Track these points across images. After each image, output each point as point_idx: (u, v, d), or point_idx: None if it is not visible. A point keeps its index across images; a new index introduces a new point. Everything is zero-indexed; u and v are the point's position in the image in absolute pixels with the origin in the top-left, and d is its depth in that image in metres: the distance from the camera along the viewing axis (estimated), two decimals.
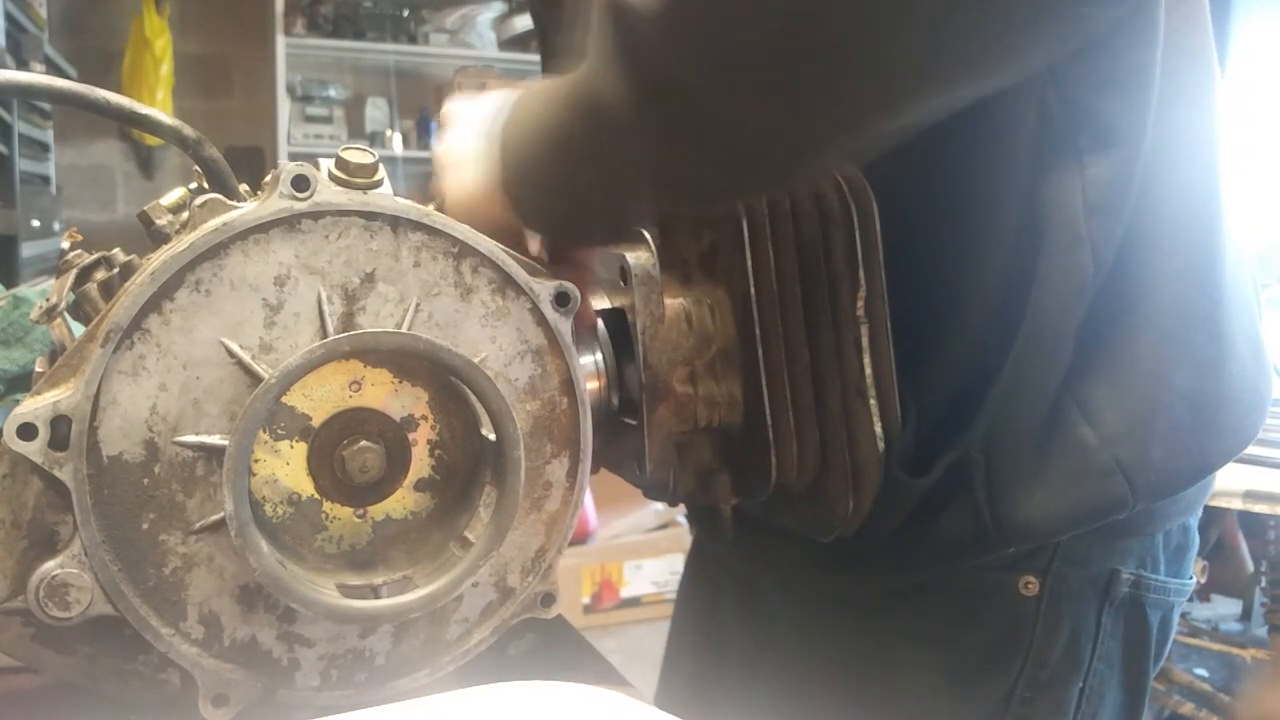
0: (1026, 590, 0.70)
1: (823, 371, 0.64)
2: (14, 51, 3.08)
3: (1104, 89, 0.64)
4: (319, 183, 0.49)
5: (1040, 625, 0.70)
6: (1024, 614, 0.70)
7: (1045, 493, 0.66)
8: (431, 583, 0.51)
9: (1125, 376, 0.67)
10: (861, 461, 0.64)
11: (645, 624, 3.20)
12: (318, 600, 0.49)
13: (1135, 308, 0.67)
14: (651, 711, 0.47)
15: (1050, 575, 0.70)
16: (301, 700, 0.52)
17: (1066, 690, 0.72)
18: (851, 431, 0.64)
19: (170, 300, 0.47)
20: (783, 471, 0.65)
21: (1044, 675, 0.71)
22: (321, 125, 4.45)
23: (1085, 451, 0.66)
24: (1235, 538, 2.52)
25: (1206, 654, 2.59)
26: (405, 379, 0.52)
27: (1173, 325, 0.67)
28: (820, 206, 0.64)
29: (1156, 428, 0.66)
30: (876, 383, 0.64)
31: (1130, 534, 0.72)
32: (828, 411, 0.65)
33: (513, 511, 0.52)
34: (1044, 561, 0.70)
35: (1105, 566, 0.72)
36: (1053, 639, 0.71)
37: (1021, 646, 0.71)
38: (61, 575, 0.46)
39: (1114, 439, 0.66)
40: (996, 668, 0.71)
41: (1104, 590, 0.72)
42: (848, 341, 0.63)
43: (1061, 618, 0.71)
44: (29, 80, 0.54)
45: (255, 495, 0.50)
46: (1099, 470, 0.66)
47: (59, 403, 0.45)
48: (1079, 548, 0.70)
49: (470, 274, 0.52)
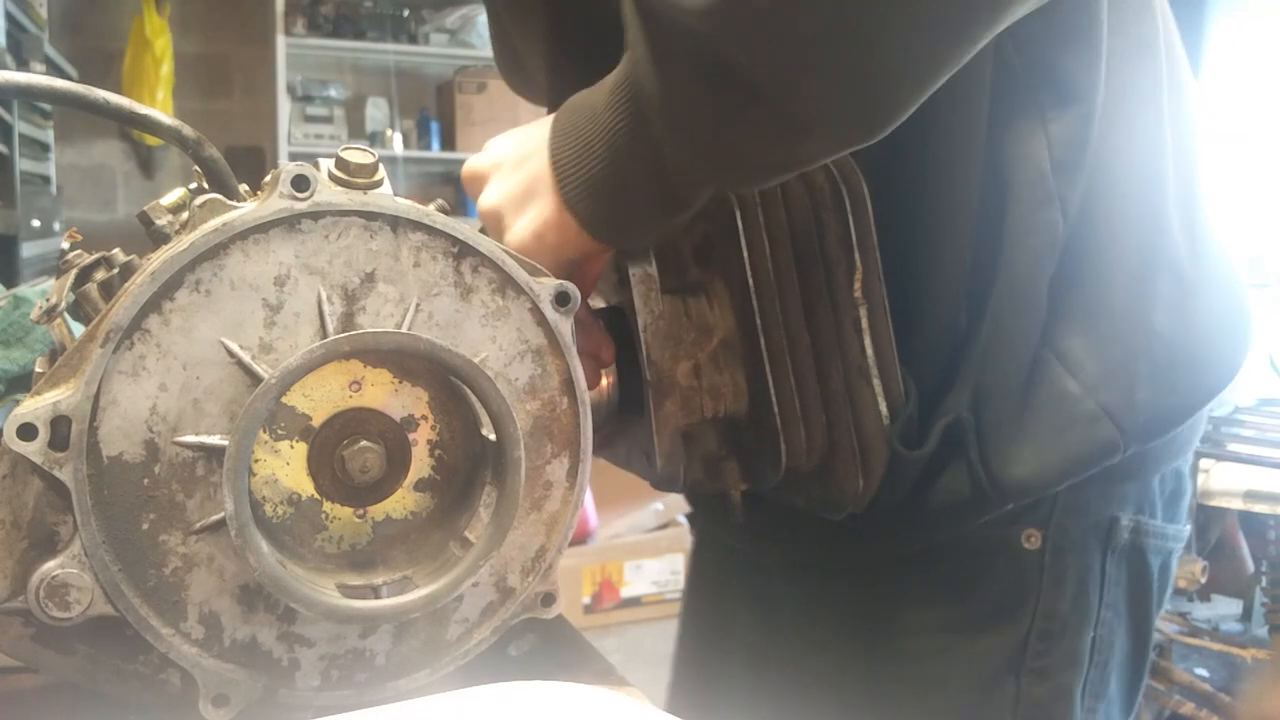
0: (1029, 544, 0.71)
1: (824, 354, 0.65)
2: (14, 51, 3.08)
3: (1060, 44, 0.65)
4: (319, 183, 0.49)
5: (1046, 577, 0.72)
6: (1029, 567, 0.72)
7: (1036, 446, 0.67)
8: (432, 583, 0.51)
9: (1100, 323, 0.68)
10: (868, 440, 0.65)
11: (645, 624, 3.21)
12: (318, 600, 0.49)
13: (1102, 256, 0.68)
14: (652, 711, 0.47)
15: (1052, 527, 0.71)
16: (302, 700, 0.52)
17: (1079, 640, 0.73)
18: (856, 411, 0.65)
19: (170, 300, 0.47)
20: (792, 455, 0.65)
21: (1055, 626, 0.72)
22: (321, 125, 4.46)
23: (1070, 401, 0.67)
24: (1235, 538, 2.53)
25: (1206, 654, 2.58)
26: (405, 379, 0.52)
27: (1140, 268, 0.68)
28: (811, 191, 0.64)
29: (1138, 370, 0.68)
30: (878, 362, 0.64)
31: (1126, 479, 0.73)
32: (832, 393, 0.65)
33: (513, 511, 0.52)
34: (1045, 514, 0.71)
35: (1104, 514, 0.73)
36: (1059, 590, 0.72)
37: (1029, 600, 0.72)
38: (62, 575, 0.46)
39: (1097, 385, 0.67)
40: (1006, 623, 0.72)
41: (1105, 538, 0.73)
42: (847, 323, 0.64)
43: (1066, 568, 0.72)
44: (29, 80, 0.54)
45: (255, 495, 0.50)
46: (1085, 417, 0.67)
47: (59, 403, 0.45)
48: (1077, 498, 0.71)
49: (470, 274, 0.52)
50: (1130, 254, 0.68)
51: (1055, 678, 0.72)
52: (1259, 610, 2.64)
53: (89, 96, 0.53)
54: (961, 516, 0.70)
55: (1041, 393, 0.67)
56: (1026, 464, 0.67)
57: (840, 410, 0.65)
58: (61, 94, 0.54)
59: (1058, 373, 0.67)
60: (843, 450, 0.66)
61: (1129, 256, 0.68)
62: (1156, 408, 0.68)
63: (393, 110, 4.66)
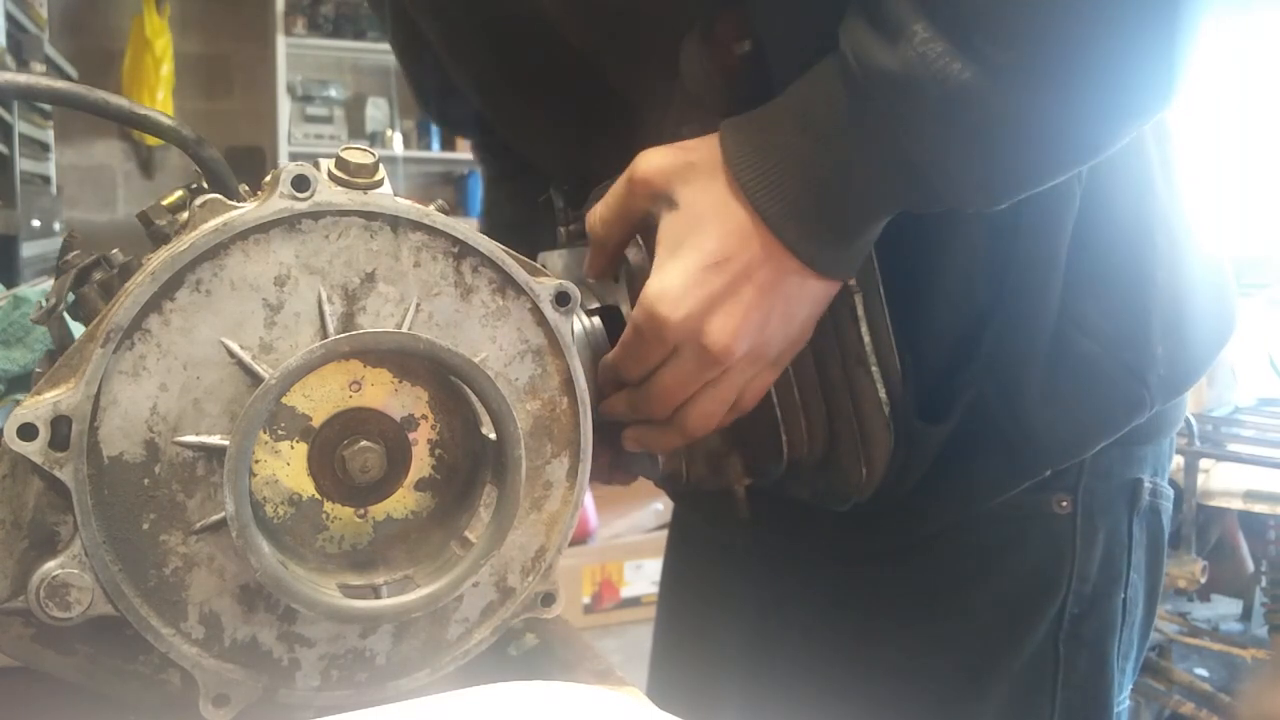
0: (1061, 509, 0.73)
1: (821, 344, 0.64)
2: (14, 51, 3.09)
3: None
4: (319, 183, 0.49)
5: (1079, 542, 0.73)
6: (1063, 533, 0.73)
7: (1066, 408, 0.68)
8: (433, 582, 0.51)
9: (1109, 286, 0.70)
10: (869, 429, 0.65)
11: (645, 624, 3.19)
12: (320, 601, 0.49)
13: (1104, 217, 0.69)
14: (652, 711, 0.47)
15: (1081, 491, 0.73)
16: (302, 700, 0.52)
17: (1111, 602, 0.75)
18: (856, 400, 0.65)
19: (171, 300, 0.47)
20: (794, 447, 0.65)
21: (1088, 590, 0.74)
22: (322, 125, 4.46)
23: (1092, 362, 0.69)
24: (1235, 538, 2.53)
25: (1206, 654, 2.59)
26: (405, 378, 0.52)
27: (1137, 227, 0.71)
28: None
29: (1151, 326, 0.70)
30: (876, 349, 0.64)
31: (1145, 441, 0.76)
32: (830, 383, 0.65)
33: (514, 510, 0.52)
34: (1073, 480, 0.73)
35: (1128, 477, 0.75)
36: (1091, 554, 0.74)
37: (1065, 565, 0.73)
38: (62, 575, 0.46)
39: (1116, 345, 0.69)
40: (1045, 591, 0.73)
41: (1130, 501, 0.75)
42: (843, 311, 0.64)
43: (1097, 532, 0.74)
44: (29, 81, 0.54)
45: (256, 496, 0.50)
46: (1109, 377, 0.69)
47: (59, 403, 0.45)
48: (1103, 461, 0.73)
49: (470, 274, 0.52)
50: (1127, 213, 0.70)
51: (1093, 644, 0.74)
52: (1259, 610, 2.64)
53: (88, 97, 0.53)
54: (997, 486, 0.71)
55: (1065, 358, 0.68)
56: (1061, 428, 0.68)
57: (840, 399, 0.65)
58: (61, 94, 0.54)
59: (1075, 338, 0.69)
60: (845, 439, 0.65)
61: (1126, 216, 0.70)
62: (1173, 361, 0.70)
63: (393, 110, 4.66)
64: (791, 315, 0.60)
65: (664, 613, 0.99)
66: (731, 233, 0.58)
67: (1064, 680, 0.73)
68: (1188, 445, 2.22)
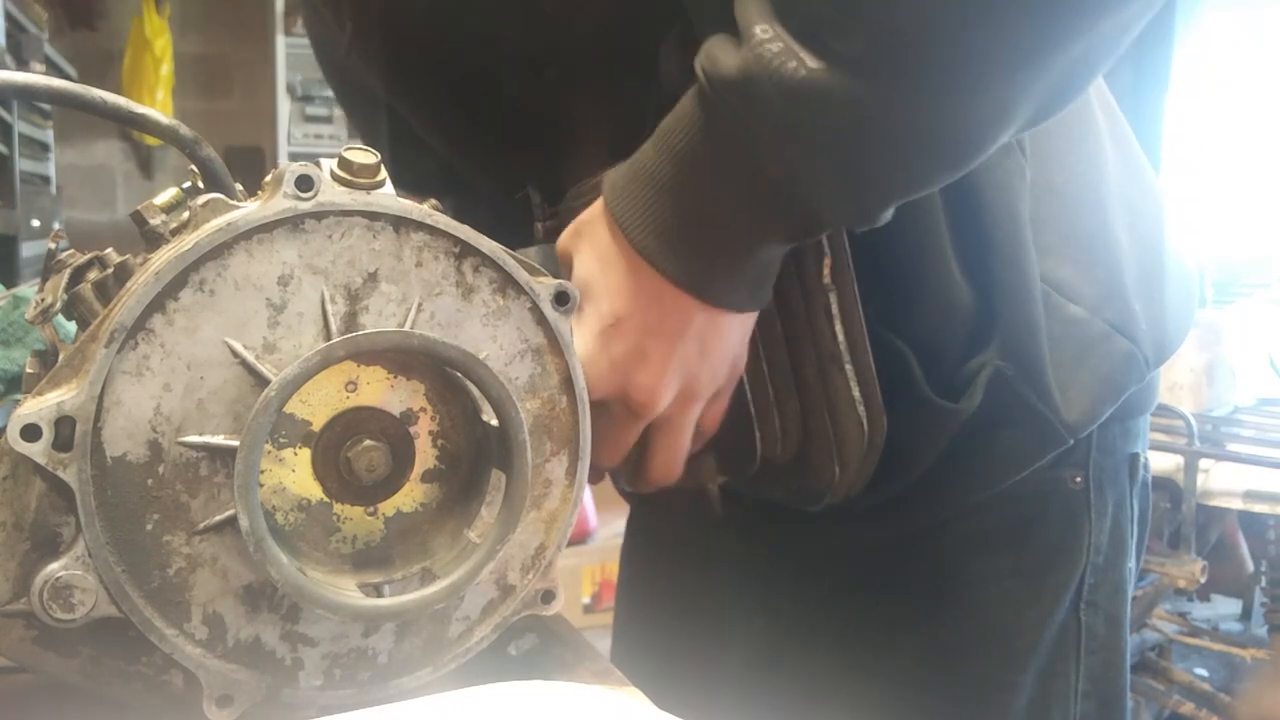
0: (1076, 485, 0.76)
1: (796, 342, 0.64)
2: (14, 51, 3.08)
3: None
4: (322, 183, 0.49)
5: (1093, 515, 0.76)
6: (1078, 505, 0.76)
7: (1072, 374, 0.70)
8: (451, 572, 0.51)
9: (1081, 251, 0.71)
10: (843, 428, 0.65)
11: None
12: (344, 604, 0.49)
13: (1060, 188, 0.71)
14: (651, 711, 0.47)
15: (1091, 465, 0.76)
16: (305, 700, 0.52)
17: (1120, 571, 0.78)
18: (830, 399, 0.65)
19: (174, 300, 0.47)
20: (767, 445, 0.65)
21: (1100, 560, 0.77)
22: (321, 125, 4.46)
23: (1080, 325, 0.70)
24: (1235, 538, 2.53)
25: (1206, 654, 2.59)
26: (400, 374, 0.53)
27: (1092, 194, 0.73)
28: None
29: (1126, 284, 0.72)
30: (850, 348, 0.64)
31: (1138, 413, 0.79)
32: (805, 381, 0.65)
33: (524, 493, 0.52)
34: (1083, 455, 0.75)
35: (1126, 451, 0.78)
36: (1102, 525, 0.77)
37: (1082, 537, 0.76)
38: (65, 577, 0.46)
39: (1099, 306, 0.70)
40: (1066, 561, 0.76)
41: (1130, 473, 0.79)
42: (818, 310, 0.64)
43: (1106, 503, 0.77)
44: (29, 80, 0.54)
45: (265, 505, 0.50)
46: (1103, 336, 0.70)
47: (63, 403, 0.45)
48: (1106, 437, 0.76)
49: (472, 274, 0.52)
50: (1081, 181, 0.72)
51: (1107, 610, 0.77)
52: (1258, 610, 2.65)
53: (87, 96, 0.54)
54: (1026, 460, 0.72)
55: (1058, 324, 0.69)
56: (1074, 392, 0.70)
57: (815, 398, 0.65)
58: (60, 94, 0.54)
59: (1062, 302, 0.70)
60: (818, 438, 0.65)
61: (1082, 184, 0.72)
62: (1153, 317, 0.73)
63: None
64: (709, 352, 0.59)
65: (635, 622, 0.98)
66: (620, 290, 0.58)
67: (1086, 646, 0.76)
68: (1188, 445, 2.22)
